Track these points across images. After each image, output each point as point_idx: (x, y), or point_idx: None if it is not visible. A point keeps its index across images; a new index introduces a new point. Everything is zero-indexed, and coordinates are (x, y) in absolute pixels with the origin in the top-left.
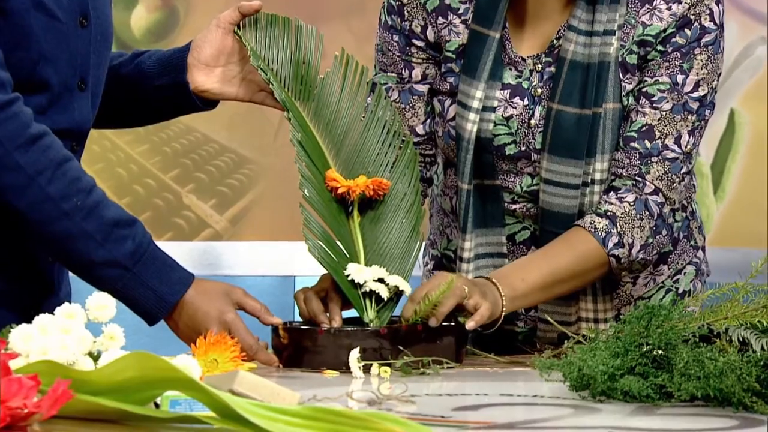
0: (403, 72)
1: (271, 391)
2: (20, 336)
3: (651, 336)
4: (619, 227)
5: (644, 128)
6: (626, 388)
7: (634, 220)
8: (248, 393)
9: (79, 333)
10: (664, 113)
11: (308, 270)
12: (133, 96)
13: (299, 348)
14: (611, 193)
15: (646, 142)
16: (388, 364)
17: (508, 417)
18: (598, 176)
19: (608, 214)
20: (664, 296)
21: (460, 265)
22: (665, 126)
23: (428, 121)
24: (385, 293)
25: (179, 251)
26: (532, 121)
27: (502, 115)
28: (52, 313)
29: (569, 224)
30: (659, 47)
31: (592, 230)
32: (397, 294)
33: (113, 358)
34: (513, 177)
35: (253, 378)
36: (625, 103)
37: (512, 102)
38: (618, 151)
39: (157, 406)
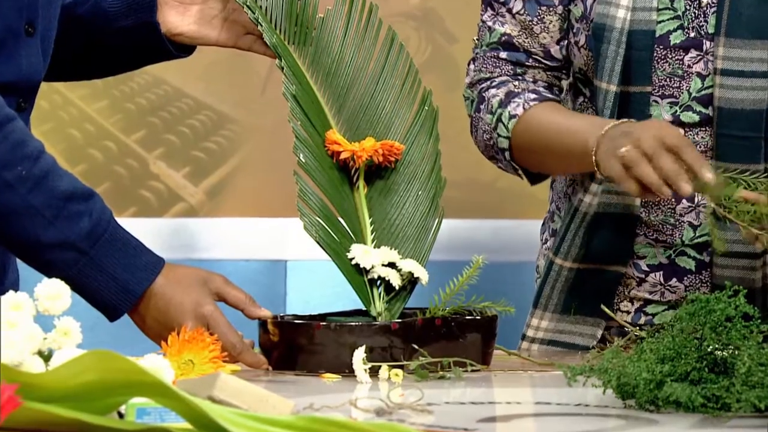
0: None
1: (259, 398)
2: None
3: (707, 336)
4: None
5: None
6: (674, 398)
7: None
8: (231, 400)
9: (28, 328)
10: None
11: (303, 253)
12: (92, 41)
13: (292, 346)
14: None
15: None
16: (400, 366)
17: (544, 430)
18: None
19: None
20: None
21: (589, 186)
22: None
23: (565, 42)
24: (396, 281)
25: (146, 230)
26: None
27: None
28: None
29: (757, 124)
30: None
31: None
32: (411, 282)
33: (68, 358)
34: (678, 81)
35: (236, 383)
36: None
37: None
38: None
39: (121, 415)
